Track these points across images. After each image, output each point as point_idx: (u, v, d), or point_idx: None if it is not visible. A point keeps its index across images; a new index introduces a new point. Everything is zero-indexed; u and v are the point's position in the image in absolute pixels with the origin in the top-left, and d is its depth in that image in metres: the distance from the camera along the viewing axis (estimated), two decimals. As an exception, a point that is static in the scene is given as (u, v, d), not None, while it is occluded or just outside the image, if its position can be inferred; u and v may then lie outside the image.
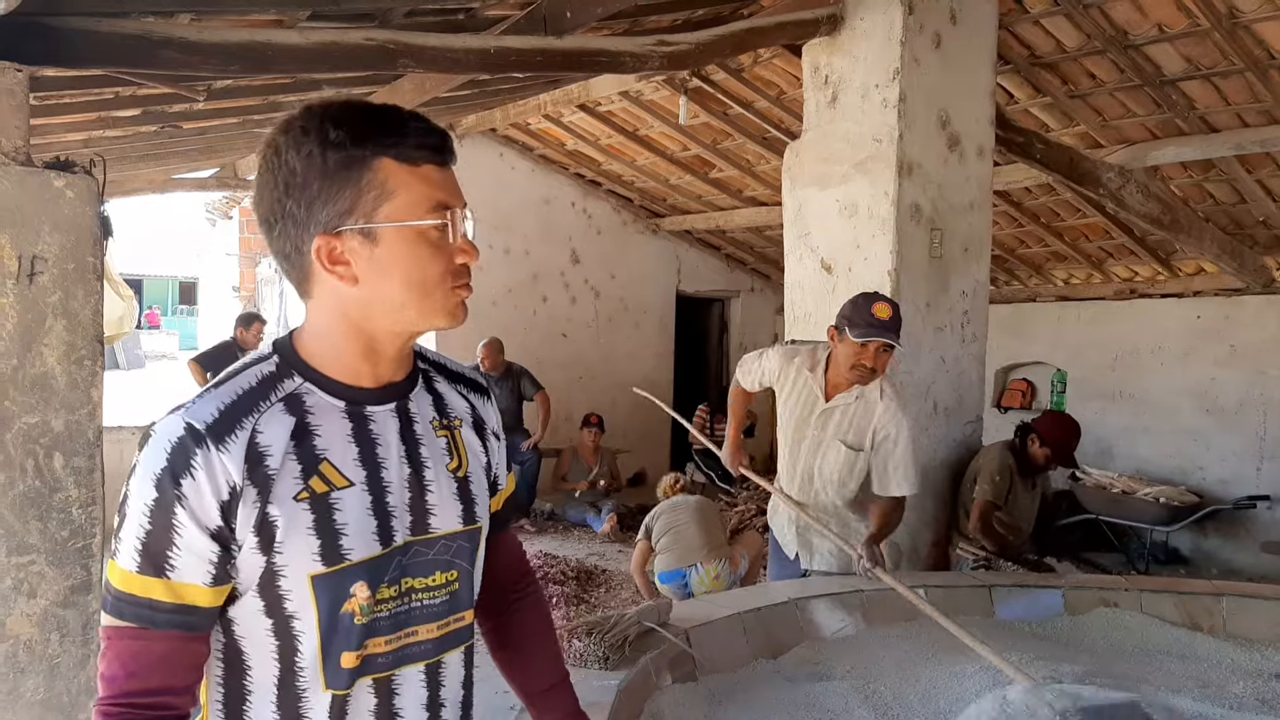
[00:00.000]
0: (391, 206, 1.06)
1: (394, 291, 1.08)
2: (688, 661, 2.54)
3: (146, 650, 1.03)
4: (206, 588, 1.04)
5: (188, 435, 1.03)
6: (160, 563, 1.02)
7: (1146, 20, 4.54)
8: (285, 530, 1.05)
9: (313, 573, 1.06)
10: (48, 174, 2.39)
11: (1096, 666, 2.74)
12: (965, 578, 3.58)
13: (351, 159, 1.05)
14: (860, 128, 4.18)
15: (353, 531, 1.08)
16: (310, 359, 1.12)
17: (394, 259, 1.07)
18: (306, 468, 1.07)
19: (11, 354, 2.36)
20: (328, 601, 1.07)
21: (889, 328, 3.08)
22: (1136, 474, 7.23)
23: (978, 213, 4.46)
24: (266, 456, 1.05)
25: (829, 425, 3.29)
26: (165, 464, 1.02)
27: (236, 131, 5.75)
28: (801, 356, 3.42)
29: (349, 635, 1.09)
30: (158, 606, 1.03)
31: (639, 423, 9.45)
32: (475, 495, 1.22)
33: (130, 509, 1.03)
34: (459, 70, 3.55)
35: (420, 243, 1.07)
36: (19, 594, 2.40)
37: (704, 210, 8.87)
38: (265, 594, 1.07)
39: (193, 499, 1.02)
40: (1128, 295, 7.60)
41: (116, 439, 7.28)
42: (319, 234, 1.06)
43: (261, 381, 1.09)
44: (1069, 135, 5.72)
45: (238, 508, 1.03)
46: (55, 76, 3.34)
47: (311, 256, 1.07)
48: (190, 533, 1.02)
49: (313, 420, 1.09)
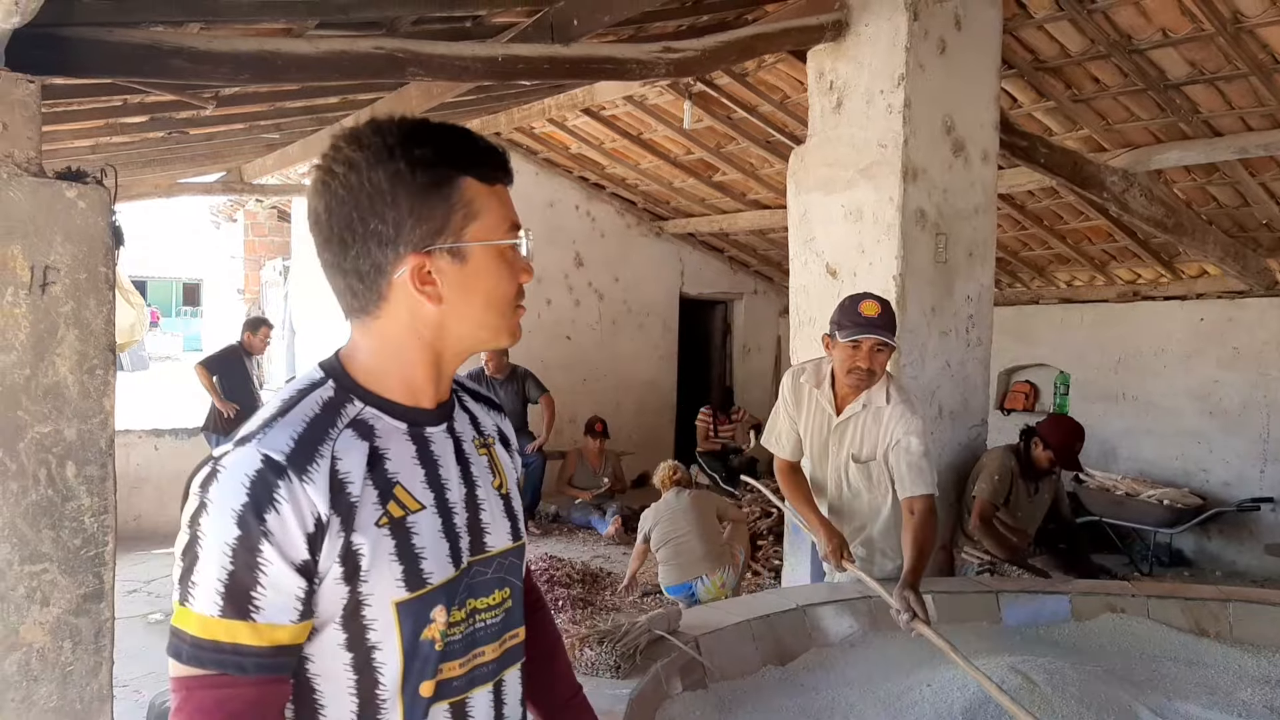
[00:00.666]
0: (478, 226, 1.05)
1: (476, 310, 1.08)
2: (698, 669, 2.55)
3: (235, 698, 0.96)
4: (293, 625, 0.99)
5: (267, 468, 0.97)
6: (245, 604, 0.96)
7: (1150, 25, 4.55)
8: (370, 558, 1.01)
9: (397, 599, 1.03)
10: (59, 184, 2.40)
11: (1104, 672, 2.75)
12: (971, 583, 3.59)
13: (441, 178, 1.03)
14: (865, 133, 4.20)
15: (430, 555, 1.06)
16: (366, 381, 1.08)
17: (480, 278, 1.06)
18: (383, 493, 1.04)
19: (24, 363, 2.37)
20: (410, 628, 1.04)
21: (878, 324, 3.00)
22: (1140, 476, 7.23)
23: (982, 217, 4.47)
24: (348, 484, 1.01)
25: (844, 441, 3.23)
26: (246, 499, 0.96)
27: (243, 137, 5.78)
28: (807, 374, 3.35)
29: (427, 663, 1.06)
30: (244, 651, 0.96)
31: (643, 425, 9.47)
32: (517, 511, 1.21)
33: (206, 549, 0.96)
34: (467, 78, 3.56)
35: (501, 262, 1.07)
36: (32, 602, 2.41)
37: (707, 213, 8.88)
38: (348, 626, 1.02)
39: (279, 534, 0.96)
40: (1131, 298, 7.60)
41: (124, 442, 7.29)
42: (410, 253, 1.03)
43: (325, 407, 1.05)
44: (1073, 139, 5.73)
45: (324, 539, 0.98)
46: (64, 84, 3.35)
47: (394, 276, 1.04)
48: (277, 570, 0.96)
49: (381, 444, 1.06)
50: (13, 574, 2.38)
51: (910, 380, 4.15)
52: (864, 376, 3.08)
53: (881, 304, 3.05)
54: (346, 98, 4.89)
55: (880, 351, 3.06)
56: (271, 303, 12.50)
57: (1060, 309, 8.11)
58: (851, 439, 3.21)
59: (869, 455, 3.18)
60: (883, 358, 3.09)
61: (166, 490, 7.74)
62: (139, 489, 7.54)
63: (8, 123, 2.34)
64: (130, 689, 4.20)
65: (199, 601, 0.96)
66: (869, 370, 3.07)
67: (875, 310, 3.01)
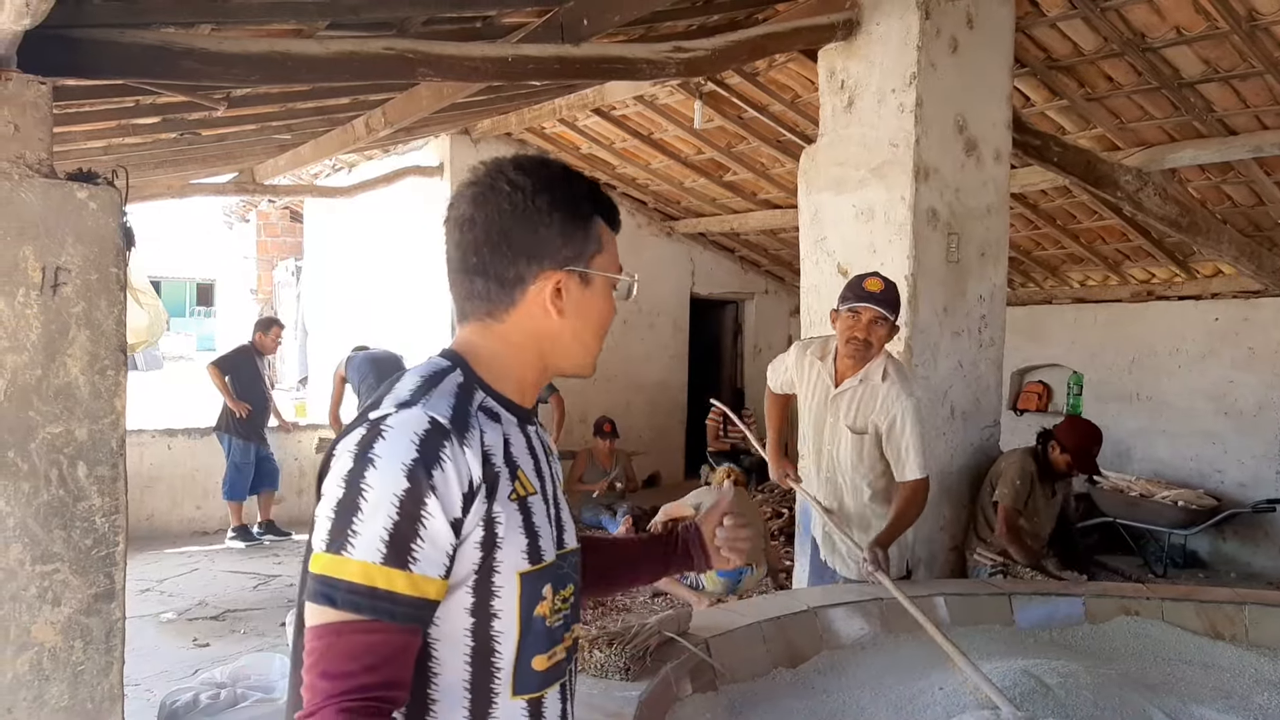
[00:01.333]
0: (602, 260, 1.23)
1: (586, 331, 1.24)
2: (708, 671, 2.54)
3: (383, 643, 1.03)
4: (439, 580, 1.06)
5: (434, 429, 1.07)
6: (404, 554, 1.04)
7: (1164, 23, 4.52)
8: (506, 527, 1.11)
9: (521, 570, 1.12)
10: (70, 185, 2.40)
11: (1118, 675, 2.73)
12: (985, 585, 3.57)
13: (586, 213, 1.21)
14: (876, 132, 4.18)
15: (543, 535, 1.17)
16: (486, 375, 1.20)
17: (595, 303, 1.23)
18: (511, 471, 1.15)
19: (36, 364, 2.37)
20: (529, 600, 1.13)
21: (878, 298, 3.11)
22: (1154, 477, 7.19)
23: (995, 216, 4.44)
24: (492, 455, 1.12)
25: (839, 411, 3.33)
26: (417, 454, 1.05)
27: (255, 138, 5.79)
28: (814, 346, 3.48)
29: (540, 637, 1.15)
30: (398, 599, 1.03)
31: (654, 425, 9.46)
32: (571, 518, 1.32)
33: (373, 500, 1.04)
34: (477, 78, 3.56)
35: (609, 294, 1.25)
36: (43, 602, 2.42)
37: (718, 213, 8.87)
38: (478, 590, 1.11)
39: (442, 489, 1.05)
40: (1145, 297, 7.55)
41: (137, 442, 7.34)
42: (551, 268, 1.19)
43: (460, 388, 1.16)
44: (1086, 138, 5.70)
45: (475, 501, 1.08)
46: (76, 85, 3.36)
47: (532, 284, 1.19)
48: (436, 524, 1.05)
49: (506, 430, 1.18)
50: (24, 574, 2.38)
51: (922, 380, 4.13)
52: (861, 347, 3.18)
53: (886, 282, 3.17)
54: (357, 98, 4.89)
55: (879, 325, 3.15)
56: (284, 303, 12.54)
57: (1074, 309, 8.06)
58: (847, 410, 3.30)
59: (862, 427, 3.26)
60: (881, 331, 3.17)
61: (179, 489, 7.77)
62: (152, 488, 7.57)
63: (19, 124, 2.35)
64: (142, 688, 4.22)
65: (360, 550, 1.03)
66: (865, 341, 3.16)
67: (879, 286, 3.14)
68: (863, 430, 3.26)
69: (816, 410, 3.43)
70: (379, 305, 9.29)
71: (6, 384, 2.33)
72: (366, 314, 9.50)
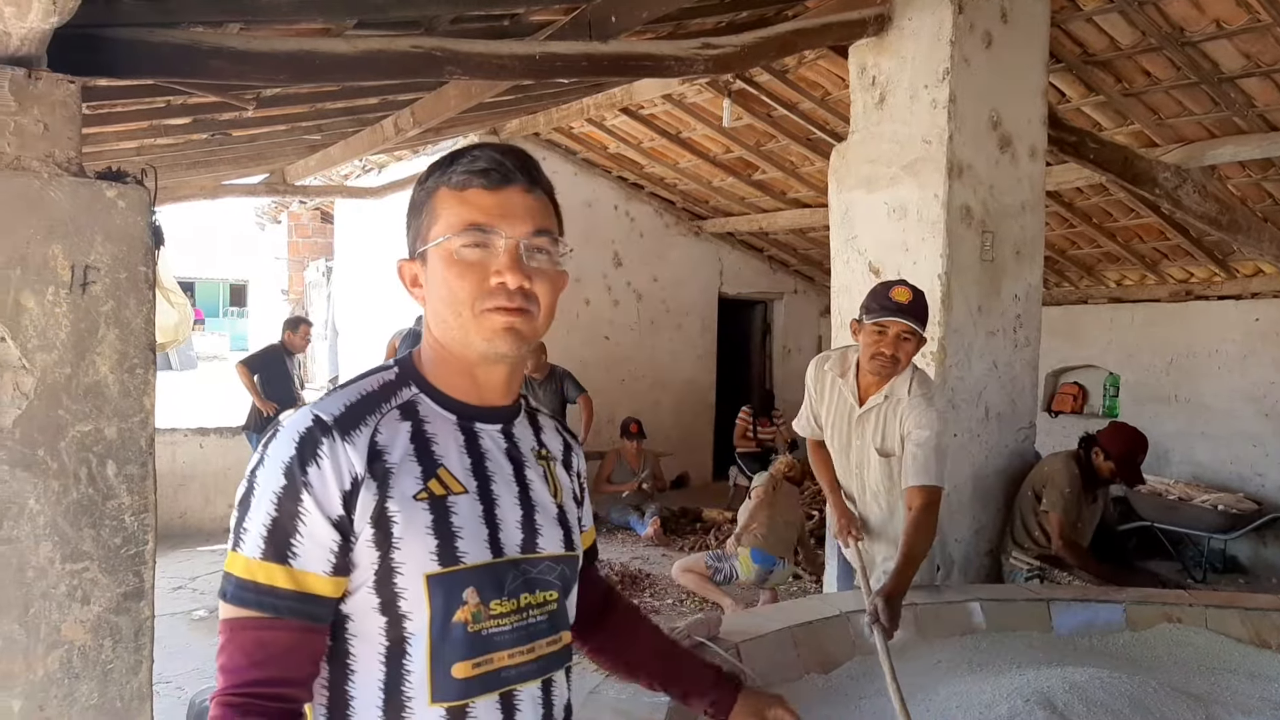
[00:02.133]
0: (434, 230, 1.14)
1: (437, 308, 1.15)
2: (739, 675, 2.50)
3: (270, 640, 1.05)
4: (326, 577, 1.06)
5: (315, 426, 1.08)
6: (284, 550, 1.05)
7: (1204, 16, 4.42)
8: (404, 527, 1.08)
9: (428, 572, 1.09)
10: (99, 184, 2.40)
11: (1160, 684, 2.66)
12: (1022, 590, 3.49)
13: (424, 192, 1.16)
14: (909, 129, 4.11)
15: (467, 536, 1.12)
16: (425, 373, 1.18)
17: (433, 278, 1.14)
18: (426, 470, 1.12)
19: (65, 363, 2.38)
20: (441, 604, 1.09)
21: (907, 310, 2.84)
22: (1193, 480, 7.05)
23: (1030, 214, 4.36)
24: (386, 454, 1.10)
25: (865, 432, 3.13)
26: (294, 453, 1.06)
27: (285, 138, 5.81)
28: (831, 361, 3.26)
29: (460, 644, 1.10)
30: (280, 594, 1.05)
31: (681, 426, 9.42)
32: (571, 525, 1.26)
33: (256, 498, 1.07)
34: (505, 76, 3.54)
35: (450, 262, 1.12)
36: (73, 600, 2.42)
37: (747, 212, 8.82)
38: (381, 591, 1.09)
39: (318, 486, 1.05)
40: (1183, 297, 7.41)
41: (170, 440, 7.42)
42: (402, 260, 1.19)
43: (382, 387, 1.16)
44: (1123, 134, 5.59)
45: (358, 498, 1.07)
46: (108, 86, 3.38)
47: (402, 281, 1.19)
48: (314, 519, 1.05)
49: (429, 428, 1.15)
50: (54, 572, 2.39)
51: (956, 381, 4.06)
52: (887, 364, 2.94)
53: (914, 291, 2.91)
54: (386, 98, 4.89)
55: (907, 340, 2.91)
56: (315, 303, 12.63)
57: (1110, 309, 7.93)
58: (874, 431, 3.11)
59: (890, 449, 3.07)
60: (909, 347, 2.94)
61: (211, 488, 7.83)
62: (185, 486, 7.64)
63: (48, 123, 2.35)
64: (173, 685, 4.24)
65: (246, 545, 1.06)
66: (893, 358, 2.92)
67: (907, 296, 2.87)
68: (890, 453, 3.06)
69: (841, 431, 3.22)
70: (408, 305, 9.31)
71: (36, 382, 2.34)
72: (396, 314, 9.53)
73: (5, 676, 2.34)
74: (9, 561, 2.34)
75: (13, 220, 2.29)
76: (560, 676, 1.22)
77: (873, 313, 2.91)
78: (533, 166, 1.17)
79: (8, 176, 2.30)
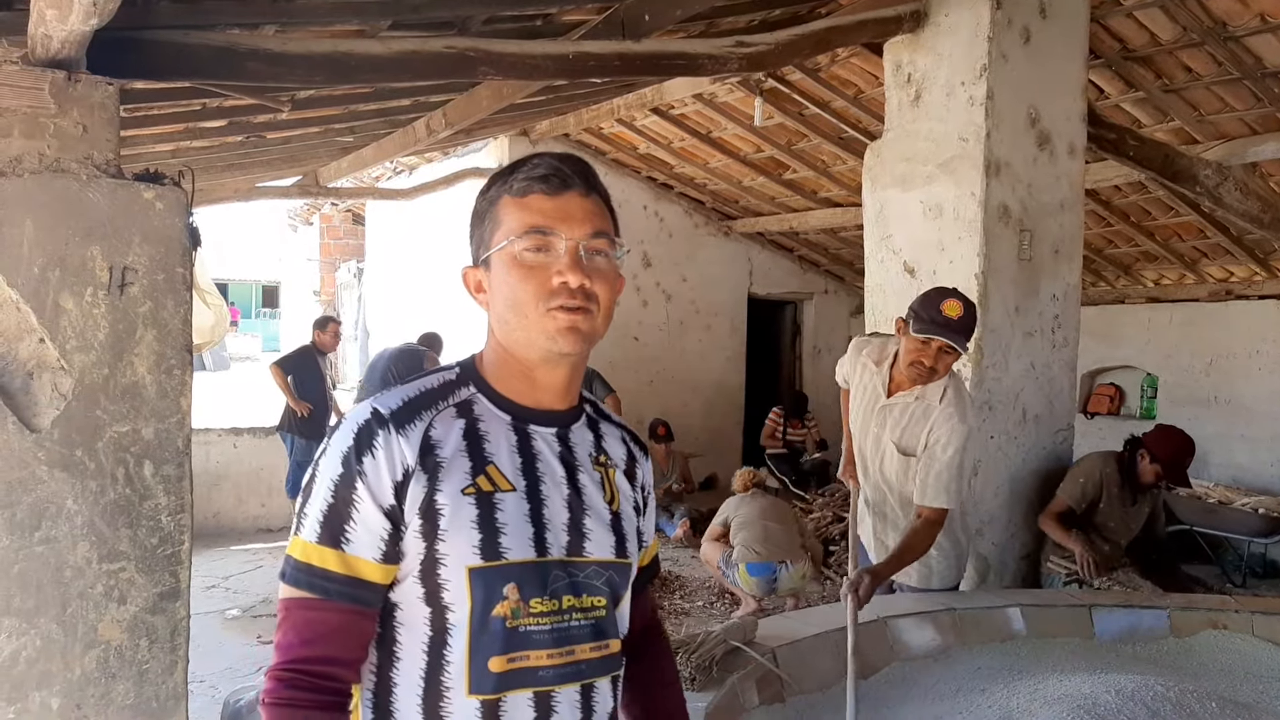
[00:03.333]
0: (497, 235, 1.18)
1: (501, 311, 1.18)
2: (775, 681, 2.47)
3: (321, 620, 1.10)
4: (376, 563, 1.11)
5: (373, 419, 1.13)
6: (338, 535, 1.11)
7: (1248, 11, 4.34)
8: (450, 520, 1.12)
9: (471, 565, 1.12)
10: (137, 186, 2.42)
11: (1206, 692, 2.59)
12: (1064, 596, 3.43)
13: (487, 201, 1.21)
14: (945, 126, 4.06)
15: (511, 533, 1.14)
16: (485, 375, 1.23)
17: (497, 281, 1.19)
18: (475, 466, 1.15)
19: (103, 363, 2.39)
20: (481, 597, 1.12)
21: (955, 329, 2.85)
22: (1232, 483, 6.93)
23: (1068, 213, 4.29)
24: (438, 448, 1.14)
25: (886, 423, 3.13)
26: (352, 443, 1.12)
27: (318, 140, 5.84)
28: (870, 348, 3.29)
29: (497, 638, 1.12)
30: (332, 577, 1.10)
31: (710, 427, 9.37)
32: (626, 532, 1.26)
33: (317, 485, 1.13)
34: (538, 76, 3.53)
35: (512, 265, 1.16)
36: (110, 600, 2.44)
37: (777, 212, 8.76)
38: (426, 581, 1.13)
39: (372, 475, 1.11)
40: (1223, 296, 7.28)
41: (204, 440, 7.49)
42: (467, 267, 1.24)
43: (442, 385, 1.21)
44: (1163, 131, 5.50)
45: (409, 489, 1.11)
46: (145, 89, 3.40)
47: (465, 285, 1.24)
48: (367, 507, 1.10)
49: (482, 426, 1.18)
50: (91, 572, 2.40)
51: (993, 382, 4.01)
52: (925, 374, 2.97)
53: (966, 306, 2.89)
54: (418, 99, 4.90)
55: (948, 354, 2.93)
56: (346, 304, 12.72)
57: (1148, 308, 7.81)
58: (894, 426, 3.10)
59: (909, 448, 3.06)
60: (949, 360, 2.96)
61: (244, 488, 7.90)
62: (218, 486, 7.71)
63: (87, 125, 2.36)
64: (207, 684, 4.27)
65: (305, 530, 1.12)
66: (931, 369, 2.96)
67: (957, 312, 2.86)
68: (909, 452, 3.05)
69: (863, 416, 3.24)
70: (439, 306, 9.35)
71: (74, 383, 2.35)
72: (426, 315, 9.57)
73: (44, 675, 2.36)
74: (47, 561, 2.35)
75: (52, 222, 2.30)
76: (604, 684, 1.21)
77: (922, 324, 2.90)
78: (590, 172, 1.21)
79: (47, 178, 2.31)
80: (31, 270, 2.29)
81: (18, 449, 2.29)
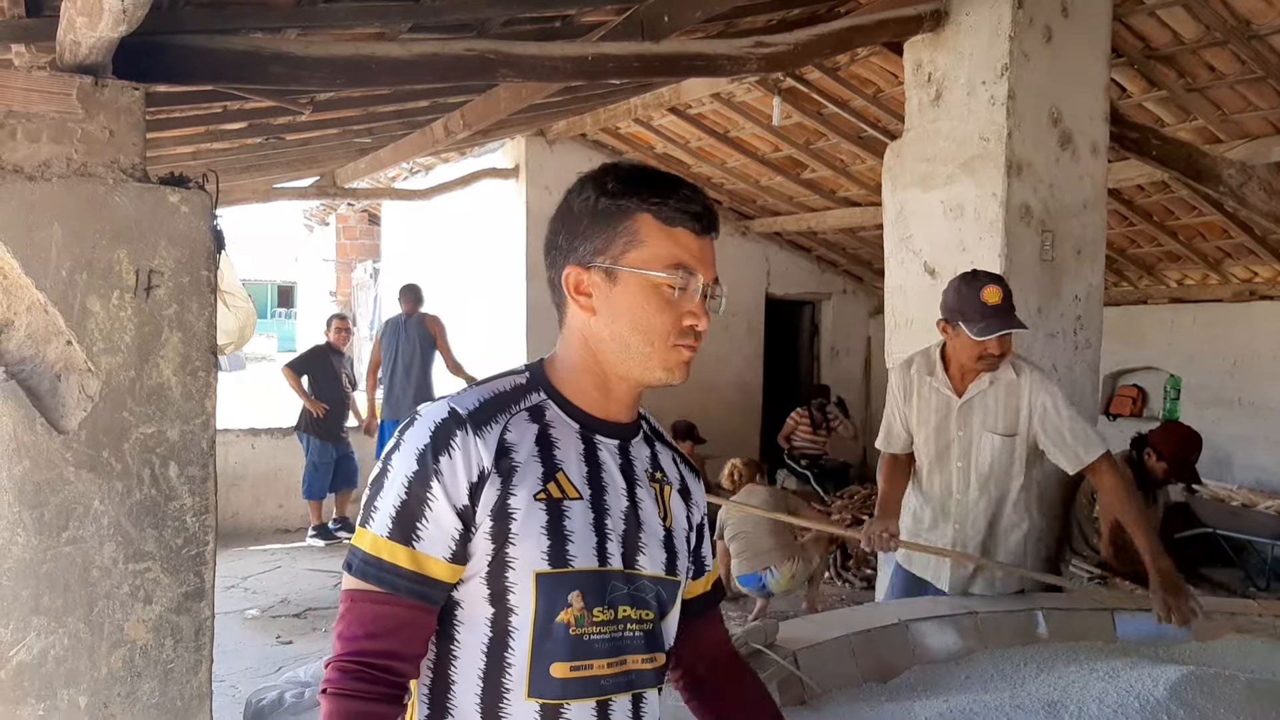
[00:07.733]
0: (636, 255, 1.18)
1: (622, 330, 1.19)
2: (796, 684, 2.46)
3: (386, 614, 1.12)
4: (445, 562, 1.13)
5: (451, 419, 1.15)
6: (409, 531, 1.12)
7: (1272, 9, 4.30)
8: (521, 524, 1.13)
9: (538, 570, 1.14)
10: (163, 190, 2.44)
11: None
12: (1086, 599, 3.41)
13: (618, 207, 1.19)
14: (966, 126, 4.04)
15: (577, 540, 1.16)
16: (555, 381, 1.23)
17: (627, 301, 1.18)
18: (546, 472, 1.17)
19: (129, 365, 2.41)
20: (545, 602, 1.14)
21: (1006, 313, 2.93)
22: (1256, 486, 6.87)
23: (1091, 213, 4.26)
24: (513, 451, 1.15)
25: (973, 420, 3.13)
26: (429, 441, 1.13)
27: (336, 142, 5.87)
28: (916, 364, 3.27)
29: (561, 644, 1.14)
30: (400, 573, 1.12)
31: (728, 428, 9.35)
32: (678, 549, 1.28)
33: (390, 480, 1.14)
34: (557, 78, 3.53)
35: (653, 293, 1.18)
36: (135, 600, 2.46)
37: (795, 211, 8.74)
38: (492, 582, 1.14)
39: (448, 475, 1.12)
40: (1247, 297, 7.22)
41: (222, 441, 7.47)
42: (574, 263, 1.20)
43: (514, 389, 1.22)
44: (1186, 130, 5.46)
45: (483, 491, 1.13)
46: (167, 92, 3.43)
47: (562, 283, 1.21)
48: (440, 506, 1.12)
49: (554, 433, 1.20)
50: (117, 572, 2.42)
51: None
52: (995, 361, 3.03)
53: (1002, 287, 2.97)
54: (437, 101, 4.92)
55: (1009, 336, 3.01)
56: (362, 305, 12.77)
57: (1170, 309, 7.75)
58: (986, 415, 3.11)
59: (1008, 428, 3.09)
60: (1010, 339, 3.04)
61: (262, 488, 7.94)
62: (236, 486, 7.75)
63: (114, 129, 2.38)
64: (227, 684, 4.30)
65: (376, 524, 1.13)
66: (1000, 354, 3.02)
67: (998, 297, 2.92)
68: (1012, 431, 3.09)
69: (938, 428, 3.20)
70: (455, 307, 9.37)
71: (101, 385, 2.37)
72: (443, 314, 9.59)
73: (72, 673, 2.39)
74: (74, 561, 2.38)
75: (79, 225, 2.33)
76: (652, 695, 1.24)
77: (974, 324, 2.92)
78: (718, 217, 1.26)
79: (75, 182, 2.33)
80: (59, 273, 2.31)
81: (46, 450, 2.32)
